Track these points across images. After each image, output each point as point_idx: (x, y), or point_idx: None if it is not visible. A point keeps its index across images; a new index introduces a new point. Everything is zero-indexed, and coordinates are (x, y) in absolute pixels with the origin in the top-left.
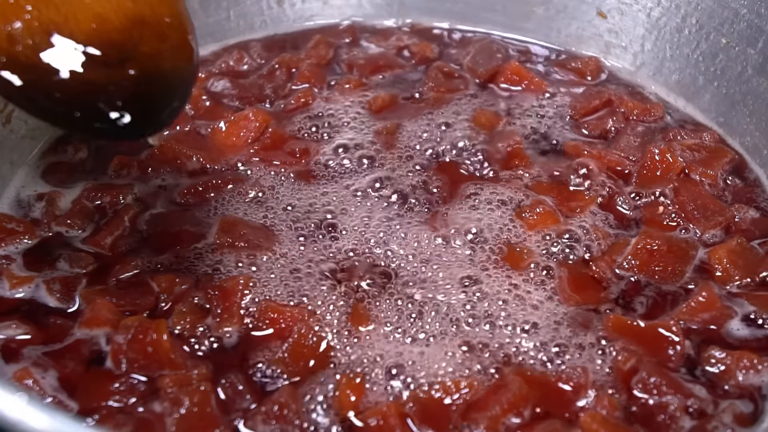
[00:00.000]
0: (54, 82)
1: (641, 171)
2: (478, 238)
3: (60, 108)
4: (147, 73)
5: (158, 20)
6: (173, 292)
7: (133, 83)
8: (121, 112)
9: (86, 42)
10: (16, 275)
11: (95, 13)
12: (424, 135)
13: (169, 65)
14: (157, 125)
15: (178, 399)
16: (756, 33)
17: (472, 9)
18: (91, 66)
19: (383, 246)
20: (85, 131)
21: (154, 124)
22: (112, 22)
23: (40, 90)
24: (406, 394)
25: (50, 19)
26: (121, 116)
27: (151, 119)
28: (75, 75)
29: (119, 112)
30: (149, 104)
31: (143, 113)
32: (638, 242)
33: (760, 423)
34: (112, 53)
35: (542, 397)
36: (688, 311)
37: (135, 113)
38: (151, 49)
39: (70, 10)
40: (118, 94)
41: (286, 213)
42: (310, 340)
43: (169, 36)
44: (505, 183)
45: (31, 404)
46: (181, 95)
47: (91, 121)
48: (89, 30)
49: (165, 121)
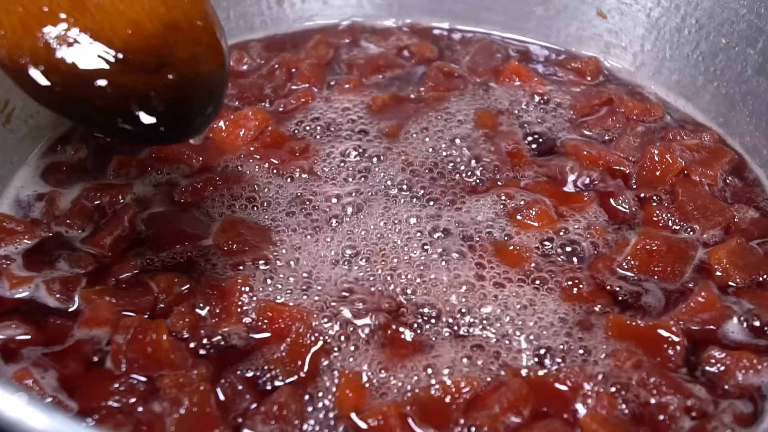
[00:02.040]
0: (93, 90)
1: (641, 171)
2: (477, 237)
3: (100, 115)
4: (184, 78)
5: (191, 24)
6: (173, 293)
7: (171, 88)
8: (159, 118)
9: (123, 48)
10: (16, 275)
11: (130, 20)
12: (424, 135)
13: (204, 69)
14: (193, 130)
15: (178, 399)
16: (756, 33)
17: (472, 9)
18: (129, 72)
19: (383, 245)
20: (124, 136)
21: (191, 128)
22: (147, 27)
23: (79, 97)
24: (407, 393)
25: (86, 26)
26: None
27: (188, 124)
28: (114, 82)
29: (158, 117)
30: (187, 109)
31: (181, 118)
32: (638, 242)
33: (760, 423)
34: (149, 59)
35: (542, 397)
36: (687, 311)
37: (173, 118)
38: (186, 54)
39: (105, 17)
40: (157, 100)
41: (286, 213)
42: (309, 340)
43: (203, 40)
44: (504, 183)
45: (30, 404)
46: (216, 99)
47: (130, 127)
48: (125, 36)
49: (201, 125)
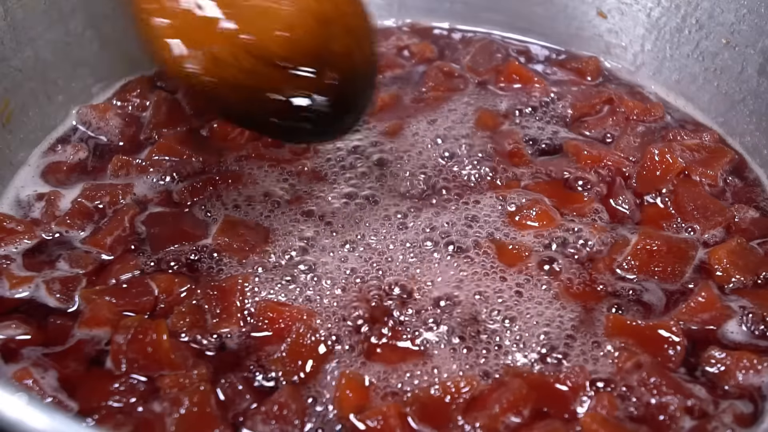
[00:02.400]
0: (261, 98)
1: (641, 171)
2: (476, 237)
3: (267, 120)
4: (345, 73)
5: (341, 13)
6: (173, 293)
7: (334, 87)
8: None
9: (284, 55)
10: (16, 275)
11: (284, 21)
12: (424, 134)
13: (360, 58)
14: (356, 122)
15: (178, 399)
16: (756, 33)
17: (472, 9)
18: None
19: (383, 245)
20: (291, 139)
21: (355, 121)
22: (301, 26)
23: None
24: (407, 393)
25: (245, 32)
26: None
27: (355, 116)
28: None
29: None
30: (350, 102)
31: (347, 111)
32: (638, 242)
33: (760, 423)
34: (310, 62)
35: (542, 397)
36: (687, 311)
37: (338, 113)
38: (342, 47)
39: (261, 23)
40: (323, 100)
41: (286, 212)
42: (309, 340)
43: (354, 29)
44: (504, 183)
45: (30, 404)
46: (372, 83)
47: (299, 129)
48: (283, 40)
49: (362, 115)
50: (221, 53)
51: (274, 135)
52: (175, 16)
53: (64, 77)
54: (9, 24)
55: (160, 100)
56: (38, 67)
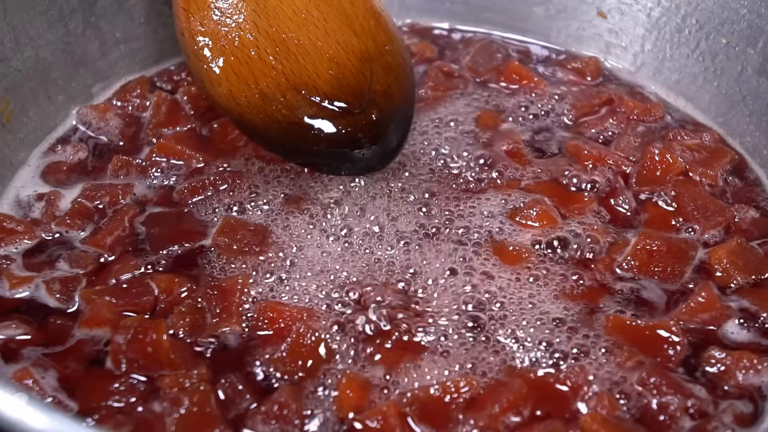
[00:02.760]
0: (308, 135)
1: (641, 171)
2: (476, 237)
3: (313, 156)
4: (384, 112)
5: (381, 51)
6: (173, 293)
7: (375, 125)
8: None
9: (329, 92)
10: (16, 275)
11: (330, 58)
12: (425, 134)
13: (398, 96)
14: (397, 151)
15: (178, 399)
16: (756, 33)
17: (472, 9)
18: (339, 116)
19: (383, 244)
20: (333, 171)
21: (395, 152)
22: (345, 64)
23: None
24: (406, 393)
25: (293, 72)
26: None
27: (392, 150)
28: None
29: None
30: (391, 137)
31: (385, 146)
32: (638, 243)
33: (760, 423)
34: (353, 100)
35: (542, 397)
36: (687, 311)
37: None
38: (382, 85)
39: (308, 60)
40: (365, 138)
41: (285, 212)
42: (309, 340)
43: (393, 66)
44: (504, 183)
45: (30, 404)
46: (410, 116)
47: (340, 161)
48: (328, 77)
49: (402, 144)
50: (270, 90)
51: (316, 168)
52: (226, 53)
53: (64, 77)
54: (9, 24)
55: (160, 100)
56: (38, 67)
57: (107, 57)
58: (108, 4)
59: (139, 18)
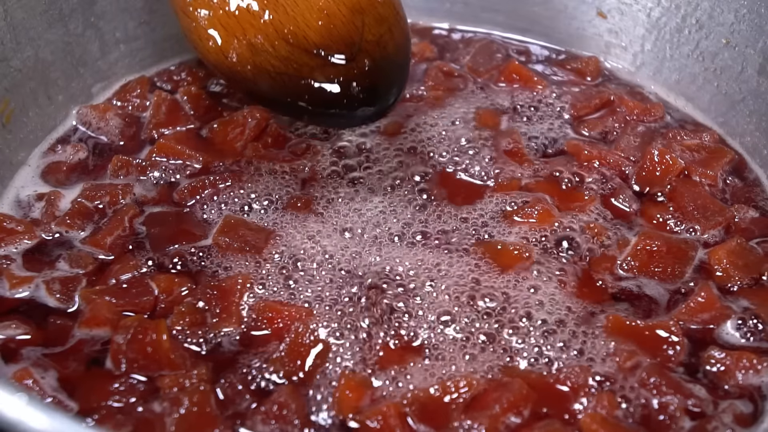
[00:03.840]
0: (299, 86)
1: (641, 171)
2: (476, 237)
3: (305, 107)
4: (377, 60)
5: (373, 3)
6: (172, 293)
7: (368, 74)
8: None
9: (319, 42)
10: (16, 275)
11: (319, 9)
12: (425, 134)
13: (392, 47)
14: (388, 106)
15: (178, 399)
16: (756, 33)
17: (472, 9)
18: (329, 65)
19: (384, 245)
20: (325, 123)
21: (387, 105)
22: (336, 15)
23: (286, 93)
24: (406, 393)
25: (281, 22)
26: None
27: (384, 102)
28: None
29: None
30: (384, 88)
31: (378, 98)
32: (638, 243)
33: (760, 423)
34: (344, 49)
35: (542, 397)
36: (687, 311)
37: (371, 100)
38: (374, 36)
39: (297, 11)
40: (357, 87)
41: (285, 212)
42: (308, 340)
43: (386, 17)
44: (504, 182)
45: (31, 404)
46: (405, 69)
47: (332, 114)
48: (318, 28)
49: (395, 100)
50: (259, 41)
51: (309, 120)
52: (214, 7)
53: (64, 77)
54: (9, 24)
55: (160, 100)
56: (38, 67)
57: (107, 57)
58: (108, 4)
59: (139, 18)
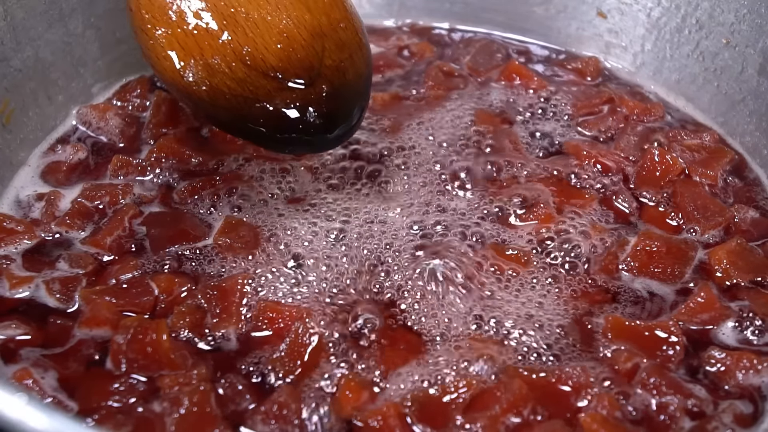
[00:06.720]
0: (253, 109)
1: (641, 171)
2: (475, 236)
3: (261, 131)
4: (336, 87)
5: (335, 28)
6: (173, 293)
7: (325, 99)
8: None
9: (277, 65)
10: (16, 275)
11: (279, 32)
12: (425, 134)
13: (351, 73)
14: (350, 132)
15: (178, 399)
16: (756, 33)
17: (472, 9)
18: (285, 89)
19: (384, 245)
20: (283, 149)
21: (348, 131)
22: (295, 38)
23: (240, 115)
24: (406, 393)
25: (240, 44)
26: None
27: (346, 128)
28: (272, 101)
29: (315, 128)
30: (342, 115)
31: (338, 124)
32: (638, 243)
33: (760, 423)
34: (302, 73)
35: (542, 398)
36: (687, 312)
37: (328, 126)
38: (334, 61)
39: (257, 33)
40: (314, 113)
41: (286, 212)
42: (308, 339)
43: (347, 43)
44: (504, 182)
45: (30, 404)
46: (365, 97)
47: (290, 139)
48: (277, 51)
49: (353, 129)
50: (216, 62)
51: (266, 145)
52: (172, 26)
53: (64, 77)
54: (9, 24)
55: (160, 100)
56: (38, 67)
57: (107, 57)
58: (108, 4)
59: None
